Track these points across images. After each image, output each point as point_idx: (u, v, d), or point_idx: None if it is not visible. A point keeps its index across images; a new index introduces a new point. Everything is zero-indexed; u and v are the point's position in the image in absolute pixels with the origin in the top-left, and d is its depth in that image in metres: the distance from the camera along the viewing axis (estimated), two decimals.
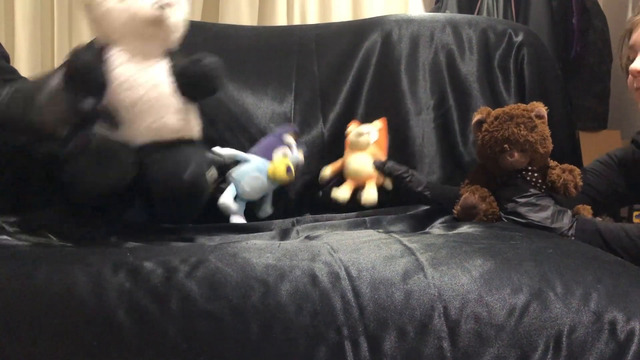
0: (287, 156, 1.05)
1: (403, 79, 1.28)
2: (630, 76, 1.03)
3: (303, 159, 1.09)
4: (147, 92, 0.79)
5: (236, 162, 1.06)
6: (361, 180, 1.10)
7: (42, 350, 0.56)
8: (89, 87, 0.76)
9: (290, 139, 1.08)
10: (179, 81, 0.82)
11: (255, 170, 1.03)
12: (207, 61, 0.83)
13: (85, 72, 0.75)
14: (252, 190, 1.02)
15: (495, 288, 0.61)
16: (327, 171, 1.14)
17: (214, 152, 1.02)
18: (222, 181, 1.05)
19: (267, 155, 1.05)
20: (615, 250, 0.91)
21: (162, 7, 0.80)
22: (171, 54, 0.84)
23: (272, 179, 1.03)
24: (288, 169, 1.01)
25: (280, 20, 2.04)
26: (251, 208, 1.09)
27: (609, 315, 0.59)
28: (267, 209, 1.08)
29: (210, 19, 1.98)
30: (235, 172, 1.03)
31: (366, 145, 1.10)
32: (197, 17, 1.95)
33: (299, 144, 1.11)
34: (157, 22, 0.80)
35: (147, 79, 0.80)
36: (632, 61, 1.03)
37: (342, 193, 1.08)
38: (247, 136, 1.22)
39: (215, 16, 2.00)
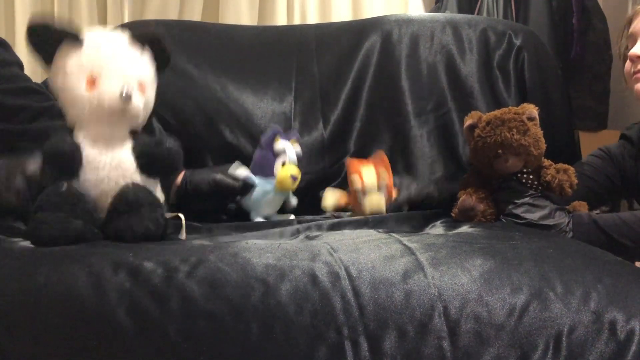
0: (286, 164, 1.04)
1: (403, 80, 1.28)
2: (628, 62, 1.04)
3: (299, 148, 1.08)
4: (110, 171, 0.84)
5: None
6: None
7: (43, 350, 0.56)
8: (68, 173, 0.82)
9: (280, 144, 1.05)
10: (139, 161, 0.86)
11: (264, 194, 1.05)
12: (168, 145, 0.88)
13: (66, 161, 0.82)
14: (270, 209, 1.08)
15: (495, 288, 0.61)
16: (329, 202, 1.11)
17: (230, 174, 1.02)
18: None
19: (268, 172, 1.05)
20: (613, 237, 0.92)
21: (128, 98, 0.83)
22: (134, 134, 0.90)
23: (282, 192, 1.05)
24: (293, 178, 1.02)
25: (280, 20, 2.04)
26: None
27: (609, 315, 0.59)
28: (292, 201, 1.11)
29: (210, 19, 1.98)
30: (249, 201, 1.06)
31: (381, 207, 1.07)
32: (197, 17, 1.95)
33: (290, 135, 1.09)
34: (122, 112, 0.84)
35: (110, 159, 0.85)
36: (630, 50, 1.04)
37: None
38: (248, 136, 1.22)
39: (215, 16, 2.00)
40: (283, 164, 1.04)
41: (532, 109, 0.96)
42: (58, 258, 0.65)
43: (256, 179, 1.04)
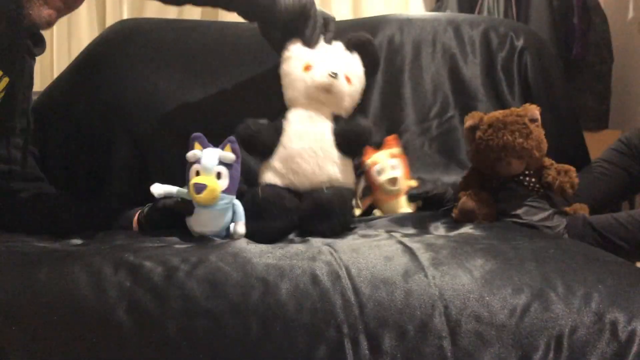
0: (201, 173, 0.85)
1: (406, 85, 1.26)
2: None
3: (231, 154, 0.87)
4: (312, 142, 0.98)
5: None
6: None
7: (43, 348, 0.56)
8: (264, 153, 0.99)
9: (192, 152, 0.87)
10: (337, 139, 0.99)
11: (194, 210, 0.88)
12: (361, 124, 1.00)
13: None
14: (202, 227, 0.88)
15: (496, 288, 0.61)
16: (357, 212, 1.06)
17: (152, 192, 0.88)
18: None
19: (186, 185, 0.88)
20: (608, 238, 0.92)
21: (334, 76, 0.98)
22: (337, 118, 1.02)
23: (200, 205, 0.86)
24: (197, 188, 0.83)
25: None
26: None
27: (610, 315, 0.59)
28: (237, 230, 0.88)
29: (209, 18, 1.98)
30: (186, 221, 0.89)
31: (398, 192, 1.05)
32: (197, 17, 1.94)
33: (226, 142, 0.89)
34: (328, 89, 0.99)
35: (314, 132, 0.99)
36: None
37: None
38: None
39: (215, 17, 1.99)
40: (197, 173, 0.86)
41: (534, 110, 0.96)
42: (59, 257, 0.65)
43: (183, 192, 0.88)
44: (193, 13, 1.94)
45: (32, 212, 0.94)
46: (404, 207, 1.06)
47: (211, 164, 0.86)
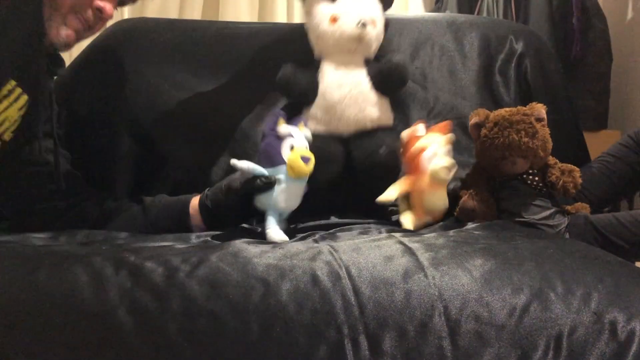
0: (295, 147, 0.91)
1: (407, 88, 1.27)
2: None
3: (308, 132, 0.95)
4: (352, 89, 1.04)
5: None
6: (434, 216, 0.97)
7: (43, 349, 0.56)
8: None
9: (284, 127, 0.92)
10: (374, 80, 1.05)
11: (277, 184, 0.90)
12: (394, 60, 1.07)
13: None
14: (289, 202, 0.92)
15: (495, 288, 0.61)
16: (393, 194, 0.95)
17: (233, 165, 0.90)
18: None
19: (276, 160, 0.91)
20: (609, 238, 0.92)
21: (363, 26, 1.03)
22: (368, 61, 1.08)
23: (297, 178, 0.91)
24: (304, 159, 0.89)
25: (280, 20, 2.04)
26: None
27: (610, 315, 0.59)
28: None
29: (210, 18, 1.98)
30: (263, 198, 0.92)
31: (447, 182, 0.95)
32: (197, 17, 1.95)
33: (296, 121, 0.96)
34: (359, 39, 1.04)
35: (351, 79, 1.05)
36: None
37: (408, 224, 0.96)
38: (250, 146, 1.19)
39: (216, 16, 2.00)
40: (291, 149, 0.90)
41: (540, 109, 0.95)
42: (59, 258, 0.65)
43: (264, 171, 0.90)
44: (194, 14, 1.94)
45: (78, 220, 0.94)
46: (444, 200, 0.97)
47: (304, 141, 0.94)
